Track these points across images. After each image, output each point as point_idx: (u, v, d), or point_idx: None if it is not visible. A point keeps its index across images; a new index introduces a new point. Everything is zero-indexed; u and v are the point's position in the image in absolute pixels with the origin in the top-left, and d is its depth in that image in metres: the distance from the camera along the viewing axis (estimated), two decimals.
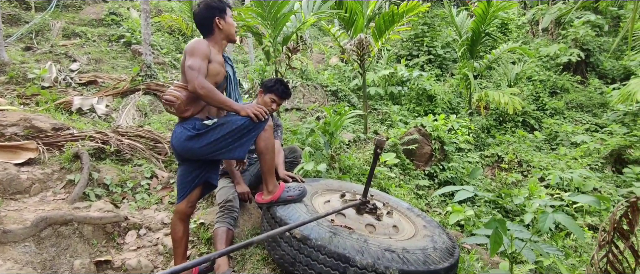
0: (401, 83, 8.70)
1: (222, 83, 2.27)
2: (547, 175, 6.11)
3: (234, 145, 2.15)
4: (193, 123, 2.17)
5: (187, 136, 2.13)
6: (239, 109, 2.13)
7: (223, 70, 2.27)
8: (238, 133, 2.14)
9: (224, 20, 2.26)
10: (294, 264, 2.08)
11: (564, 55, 10.78)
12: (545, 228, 1.63)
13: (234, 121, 2.14)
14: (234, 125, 2.13)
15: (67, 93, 5.99)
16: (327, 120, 4.24)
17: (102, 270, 2.61)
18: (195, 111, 2.19)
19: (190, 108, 2.17)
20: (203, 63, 2.10)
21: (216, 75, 2.20)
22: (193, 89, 2.05)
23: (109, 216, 2.92)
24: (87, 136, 3.87)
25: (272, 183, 2.32)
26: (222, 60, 2.27)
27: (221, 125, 2.14)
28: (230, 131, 2.13)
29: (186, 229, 2.35)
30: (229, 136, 2.13)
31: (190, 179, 2.27)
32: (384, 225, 2.35)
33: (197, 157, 2.22)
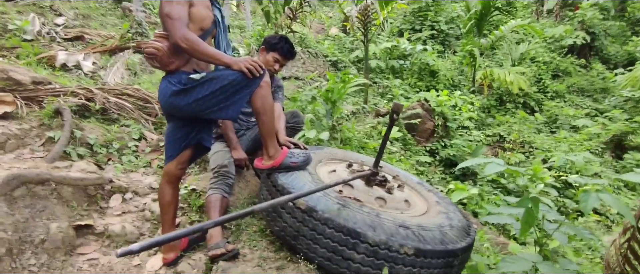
0: (403, 57, 8.40)
1: (209, 29, 2.00)
2: (549, 157, 5.98)
3: (226, 104, 1.89)
4: (179, 77, 1.90)
5: (172, 91, 1.88)
6: (231, 63, 1.87)
7: (210, 14, 2.00)
8: (230, 90, 1.88)
9: None
10: (296, 238, 1.87)
11: (569, 37, 10.53)
12: (589, 208, 1.43)
13: (225, 76, 1.88)
14: (224, 81, 1.87)
15: (51, 48, 5.59)
16: (330, 87, 3.98)
17: (82, 235, 2.39)
18: (180, 63, 1.93)
19: (174, 61, 1.90)
20: (183, 9, 1.83)
21: (202, 21, 1.94)
22: (175, 42, 1.79)
23: (91, 178, 2.67)
24: (70, 91, 3.56)
25: (273, 147, 2.08)
26: (208, 2, 2.02)
27: (210, 80, 1.88)
28: (220, 87, 1.87)
29: (175, 194, 2.12)
30: (219, 92, 1.87)
31: (180, 137, 2.02)
32: (395, 198, 2.14)
33: (185, 115, 1.96)
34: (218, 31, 2.06)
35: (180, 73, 1.91)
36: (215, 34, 2.07)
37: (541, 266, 1.48)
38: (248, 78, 1.87)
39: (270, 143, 2.07)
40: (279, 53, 2.63)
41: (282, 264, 1.90)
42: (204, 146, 2.14)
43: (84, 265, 2.20)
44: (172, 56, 1.87)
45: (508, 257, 1.58)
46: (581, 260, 3.49)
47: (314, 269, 1.84)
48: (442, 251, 1.79)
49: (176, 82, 1.88)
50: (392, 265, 1.74)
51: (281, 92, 2.86)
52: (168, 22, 1.80)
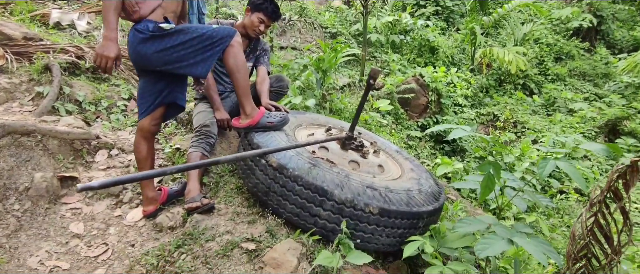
0: (404, 33, 8.29)
1: None
2: (540, 137, 6.01)
3: (195, 59, 1.90)
4: (146, 25, 1.90)
5: (139, 39, 1.89)
6: (106, 37, 1.81)
7: None
8: (198, 45, 1.89)
9: None
10: (267, 194, 1.93)
11: (575, 19, 10.33)
12: (545, 173, 1.48)
13: (194, 29, 1.89)
14: (193, 34, 1.88)
15: (46, 5, 5.55)
16: (322, 56, 3.97)
17: (67, 186, 2.46)
18: (145, 11, 1.91)
19: (137, 10, 1.90)
20: None
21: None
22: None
23: (77, 132, 2.73)
24: (60, 48, 3.58)
25: (249, 105, 2.11)
26: None
27: (180, 31, 1.89)
28: (189, 39, 1.88)
29: (150, 149, 2.17)
30: (188, 45, 1.88)
31: (153, 92, 2.06)
32: (369, 163, 2.19)
33: (154, 66, 1.96)
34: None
35: (147, 21, 1.91)
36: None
37: (495, 228, 1.54)
38: (218, 35, 1.87)
39: (247, 102, 2.10)
40: (264, 13, 2.60)
41: (253, 219, 1.97)
42: (179, 105, 2.18)
43: (67, 213, 2.29)
44: (136, 5, 1.88)
45: (465, 218, 1.64)
46: (555, 235, 3.59)
47: (282, 224, 1.91)
48: (406, 212, 1.85)
49: (143, 29, 1.89)
50: (357, 222, 1.81)
51: (267, 56, 2.86)
52: None
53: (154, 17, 1.94)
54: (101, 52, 1.79)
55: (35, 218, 2.17)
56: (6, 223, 2.04)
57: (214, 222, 1.97)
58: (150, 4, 1.92)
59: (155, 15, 1.95)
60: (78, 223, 2.22)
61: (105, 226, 2.23)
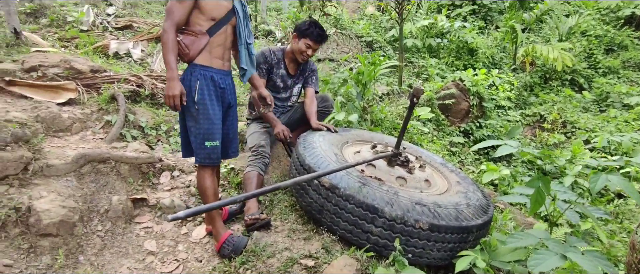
0: (441, 35, 8.21)
1: (224, 19, 2.13)
2: (593, 137, 5.73)
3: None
4: (188, 73, 2.11)
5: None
6: (169, 78, 1.97)
7: (224, 4, 2.12)
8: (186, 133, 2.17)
9: None
10: (321, 212, 2.07)
11: (627, 7, 9.72)
12: (596, 188, 1.49)
13: (189, 121, 2.11)
14: (188, 125, 2.13)
15: (104, 37, 6.08)
16: (361, 69, 4.07)
17: (138, 207, 2.73)
18: (194, 53, 2.08)
19: (188, 51, 2.07)
20: (180, 5, 1.99)
21: (212, 10, 2.07)
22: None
23: (144, 157, 3.01)
24: (123, 78, 3.94)
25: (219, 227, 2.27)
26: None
27: (193, 114, 2.11)
28: (184, 126, 2.16)
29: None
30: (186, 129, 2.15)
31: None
32: (416, 178, 2.27)
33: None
34: (238, 20, 2.18)
35: (192, 66, 2.11)
36: (234, 22, 2.19)
37: (548, 242, 1.57)
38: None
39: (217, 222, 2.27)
40: (310, 39, 2.73)
41: (309, 236, 2.11)
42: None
43: (141, 232, 2.55)
44: (186, 48, 2.06)
45: (517, 233, 1.68)
46: (615, 242, 3.44)
47: (336, 240, 2.03)
48: (456, 227, 1.92)
49: (182, 78, 2.09)
50: (408, 238, 1.89)
51: (315, 76, 3.01)
52: (165, 13, 2.02)
53: (202, 60, 2.11)
54: (167, 93, 1.98)
55: (116, 238, 2.44)
56: (93, 243, 2.32)
57: (272, 239, 2.13)
58: (198, 47, 2.07)
59: (203, 58, 2.11)
60: (151, 241, 2.46)
61: (175, 244, 2.46)
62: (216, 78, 2.15)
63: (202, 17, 2.05)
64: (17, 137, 2.45)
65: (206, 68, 2.13)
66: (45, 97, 3.49)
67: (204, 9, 2.05)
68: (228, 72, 2.27)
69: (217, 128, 2.16)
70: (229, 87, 2.27)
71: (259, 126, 2.90)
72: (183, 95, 2.02)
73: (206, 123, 2.12)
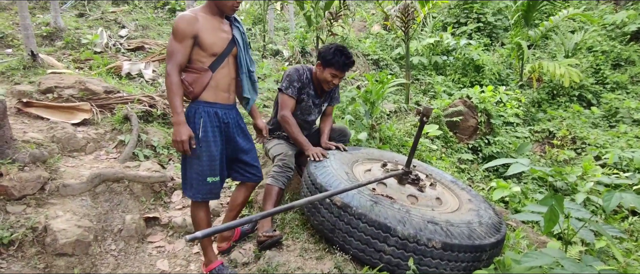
0: (446, 53, 8.29)
1: (225, 52, 2.07)
2: (603, 153, 5.68)
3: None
4: (192, 110, 2.07)
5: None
6: (176, 123, 1.94)
7: (224, 37, 2.06)
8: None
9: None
10: (333, 231, 2.08)
11: (632, 23, 9.76)
12: (611, 207, 1.49)
13: (192, 159, 2.07)
14: (191, 162, 2.08)
15: (117, 58, 6.23)
16: (368, 88, 4.13)
17: (151, 226, 2.76)
18: (198, 90, 2.03)
19: (192, 89, 2.03)
20: (180, 46, 1.94)
21: (213, 46, 2.01)
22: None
23: (156, 176, 3.05)
24: (136, 99, 4.03)
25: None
26: (221, 26, 2.07)
27: (196, 152, 2.05)
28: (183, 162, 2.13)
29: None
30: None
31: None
32: (427, 196, 2.28)
33: None
34: (239, 49, 2.13)
35: (197, 104, 2.07)
36: (236, 52, 2.13)
37: (563, 262, 1.56)
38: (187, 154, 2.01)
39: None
40: (335, 68, 2.54)
41: (321, 255, 2.11)
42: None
43: (153, 251, 2.56)
44: (190, 86, 2.02)
45: (531, 252, 1.67)
46: (631, 261, 3.38)
47: (349, 260, 2.03)
48: (469, 245, 1.91)
49: (187, 115, 2.05)
50: (421, 257, 1.89)
51: (337, 94, 2.94)
52: (166, 56, 1.98)
53: (207, 96, 2.07)
54: (175, 138, 1.94)
55: (129, 257, 2.46)
56: (107, 262, 2.34)
57: (284, 258, 2.13)
58: (202, 84, 2.03)
59: (208, 94, 2.07)
60: (163, 260, 2.48)
61: (187, 263, 2.47)
62: (220, 113, 2.11)
63: (203, 54, 2.00)
64: (35, 157, 2.51)
65: (211, 105, 2.09)
66: (61, 118, 3.57)
67: (204, 46, 1.99)
68: (232, 105, 2.22)
69: (218, 164, 2.12)
70: (233, 120, 2.20)
71: (282, 141, 2.79)
72: (192, 139, 1.98)
73: (209, 161, 2.08)
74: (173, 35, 1.96)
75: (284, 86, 2.64)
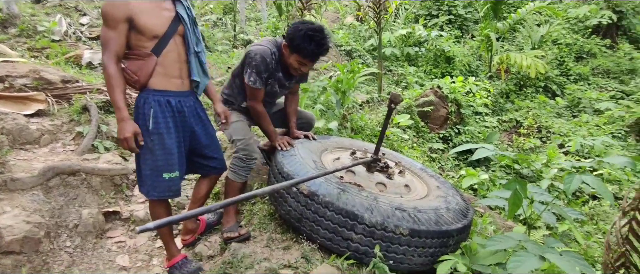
0: (418, 44, 8.36)
1: (168, 33, 1.84)
2: (567, 141, 5.89)
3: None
4: (141, 100, 1.87)
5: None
6: (119, 119, 1.75)
7: (166, 16, 1.84)
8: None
9: None
10: (300, 221, 2.02)
11: (594, 17, 10.15)
12: (571, 189, 1.51)
13: (145, 154, 1.89)
14: (144, 157, 1.90)
15: (77, 47, 5.91)
16: (340, 77, 4.08)
17: (111, 220, 2.62)
18: (144, 78, 1.83)
19: (138, 79, 1.82)
20: (113, 33, 1.72)
21: (153, 27, 1.79)
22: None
23: (117, 169, 2.90)
24: (96, 89, 3.82)
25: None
26: (161, 4, 1.84)
27: (148, 145, 1.87)
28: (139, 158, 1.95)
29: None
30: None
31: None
32: (395, 184, 2.26)
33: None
34: (185, 28, 1.92)
35: (146, 93, 1.87)
36: (182, 31, 1.92)
37: (526, 244, 1.57)
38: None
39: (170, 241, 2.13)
40: (303, 56, 2.16)
41: (288, 245, 2.06)
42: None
43: (113, 247, 2.44)
44: (133, 75, 1.82)
45: (496, 236, 1.68)
46: (591, 243, 3.52)
47: (316, 249, 1.99)
48: (436, 231, 1.90)
49: (135, 107, 1.89)
50: (389, 244, 1.87)
51: (304, 79, 2.67)
52: (101, 46, 1.77)
53: (156, 83, 1.87)
54: (120, 136, 1.76)
55: (85, 253, 2.32)
56: (60, 259, 2.20)
57: (251, 249, 2.07)
58: (147, 71, 1.83)
59: (157, 81, 1.87)
60: (124, 256, 2.36)
61: (149, 258, 2.36)
62: (173, 102, 1.92)
63: (142, 38, 1.78)
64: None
65: (161, 93, 1.88)
66: (12, 108, 3.34)
67: (143, 28, 1.77)
68: (188, 92, 2.01)
69: (175, 159, 1.94)
70: (190, 108, 2.01)
71: (239, 115, 2.45)
72: (138, 135, 1.80)
73: (163, 154, 1.89)
74: (103, 22, 1.74)
75: (252, 81, 2.24)
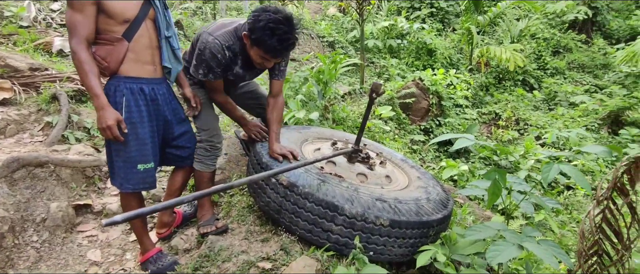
0: (401, 37, 8.36)
1: (140, 15, 1.76)
2: (543, 133, 6.03)
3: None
4: (111, 88, 1.77)
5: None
6: (98, 107, 1.65)
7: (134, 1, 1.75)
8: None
9: None
10: (279, 212, 1.98)
11: (571, 12, 10.39)
12: (549, 178, 1.51)
13: (116, 144, 1.80)
14: (115, 148, 1.82)
15: (47, 34, 5.65)
16: (322, 68, 4.03)
17: (82, 214, 2.52)
18: (115, 64, 1.74)
19: (108, 65, 1.73)
20: (80, 16, 1.62)
21: (123, 10, 1.70)
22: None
23: (88, 160, 2.78)
24: (66, 77, 3.65)
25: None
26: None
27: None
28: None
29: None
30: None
31: None
32: (376, 174, 2.23)
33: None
34: (156, 11, 1.83)
35: (117, 80, 1.79)
36: (153, 15, 1.84)
37: (505, 233, 1.58)
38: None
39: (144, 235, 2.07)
40: (264, 51, 1.89)
41: (267, 237, 2.01)
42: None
43: (84, 241, 2.34)
44: (103, 61, 1.73)
45: (476, 226, 1.67)
46: (566, 232, 3.61)
47: (296, 241, 1.95)
48: (417, 222, 1.89)
49: (107, 92, 1.78)
50: (369, 235, 1.84)
51: (285, 62, 2.24)
52: (67, 31, 1.68)
53: (127, 70, 1.78)
54: (100, 125, 1.66)
55: (54, 248, 2.22)
56: (26, 255, 2.09)
57: (228, 242, 2.01)
58: (117, 56, 1.74)
59: (129, 67, 1.78)
60: (95, 251, 2.26)
61: (122, 252, 2.27)
62: (146, 89, 1.84)
63: (112, 21, 1.69)
64: None
65: (133, 80, 1.80)
66: None
67: (112, 12, 1.67)
68: (161, 79, 1.94)
69: (149, 149, 1.87)
70: (164, 96, 1.93)
71: (204, 93, 2.22)
72: (121, 122, 1.72)
73: (137, 145, 1.82)
74: (68, 4, 1.63)
75: (201, 74, 2.03)
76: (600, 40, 10.49)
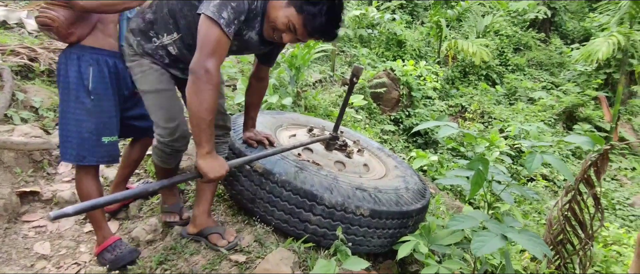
0: (371, 26, 8.32)
1: None
2: (506, 127, 6.24)
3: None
4: (74, 57, 1.68)
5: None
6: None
7: None
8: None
9: None
10: (253, 201, 1.85)
11: (531, 11, 10.81)
12: (533, 167, 1.50)
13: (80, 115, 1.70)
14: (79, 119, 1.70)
15: None
16: (294, 52, 3.89)
17: (28, 202, 2.26)
18: (82, 33, 1.69)
19: (74, 31, 1.66)
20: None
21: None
22: (73, 4, 1.54)
23: (36, 142, 2.50)
24: (9, 50, 3.28)
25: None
26: None
27: (87, 106, 1.70)
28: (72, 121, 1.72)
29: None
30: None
31: None
32: (355, 163, 2.15)
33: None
34: None
35: (81, 48, 1.71)
36: None
37: (488, 224, 1.55)
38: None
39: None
40: (303, 23, 1.47)
41: (240, 228, 1.89)
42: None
43: (30, 233, 2.10)
44: (71, 26, 1.64)
45: (458, 216, 1.64)
46: (528, 222, 3.73)
47: (271, 231, 1.84)
48: (397, 212, 1.83)
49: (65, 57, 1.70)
50: (349, 226, 1.77)
51: (274, 60, 1.93)
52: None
53: (93, 41, 1.72)
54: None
55: None
56: None
57: None
58: (88, 25, 1.70)
59: (94, 39, 1.72)
60: (44, 243, 2.03)
61: (75, 244, 2.06)
62: (111, 62, 1.78)
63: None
64: None
65: (99, 52, 1.74)
66: None
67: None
68: (120, 54, 1.84)
69: (114, 122, 1.80)
70: (123, 70, 1.84)
71: (162, 76, 1.67)
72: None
73: (103, 116, 1.75)
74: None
75: (224, 20, 1.40)
76: (557, 40, 11.04)
